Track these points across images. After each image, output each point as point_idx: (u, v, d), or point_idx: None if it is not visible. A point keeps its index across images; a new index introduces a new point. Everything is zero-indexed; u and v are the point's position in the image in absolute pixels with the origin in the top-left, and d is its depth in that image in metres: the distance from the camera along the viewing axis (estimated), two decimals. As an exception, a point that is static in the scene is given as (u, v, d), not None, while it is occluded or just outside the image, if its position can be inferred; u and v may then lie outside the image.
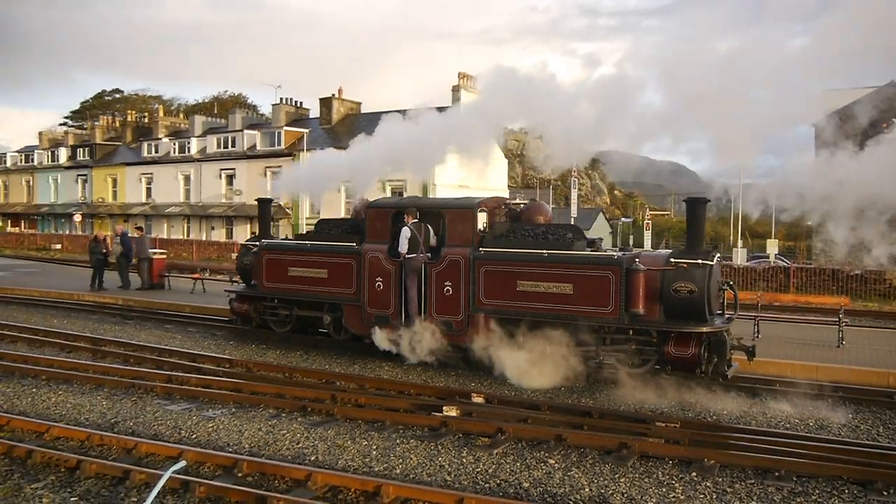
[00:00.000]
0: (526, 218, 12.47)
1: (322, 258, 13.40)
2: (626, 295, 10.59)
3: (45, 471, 7.52)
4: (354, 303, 12.98)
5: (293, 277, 13.76)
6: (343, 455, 8.12)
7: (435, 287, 12.11)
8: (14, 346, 14.24)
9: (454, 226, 12.15)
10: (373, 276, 12.72)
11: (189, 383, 11.13)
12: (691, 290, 10.38)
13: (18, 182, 70.18)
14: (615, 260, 10.80)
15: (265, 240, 14.76)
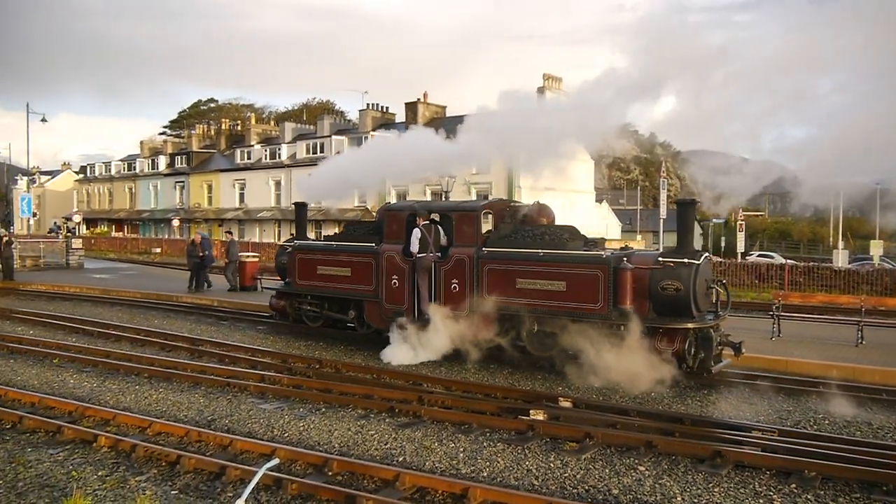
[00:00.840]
0: (530, 219, 13.11)
1: (345, 258, 14.36)
2: (614, 292, 11.08)
3: (147, 464, 7.86)
4: (374, 299, 13.82)
5: (322, 275, 14.72)
6: (430, 456, 8.16)
7: (443, 284, 12.79)
8: (118, 344, 14.96)
9: (460, 227, 12.85)
10: (389, 274, 13.52)
11: (281, 383, 11.44)
12: (677, 287, 10.85)
13: (122, 189, 73.84)
14: (603, 259, 11.30)
15: (298, 241, 15.77)
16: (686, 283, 10.85)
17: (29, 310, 19.76)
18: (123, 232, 69.38)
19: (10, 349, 14.22)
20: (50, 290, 25.21)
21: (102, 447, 8.35)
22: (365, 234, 14.53)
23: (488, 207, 13.10)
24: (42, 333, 16.21)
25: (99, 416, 9.56)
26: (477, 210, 12.80)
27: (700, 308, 11.13)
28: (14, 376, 12.07)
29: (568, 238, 12.03)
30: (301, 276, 15.15)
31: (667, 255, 11.39)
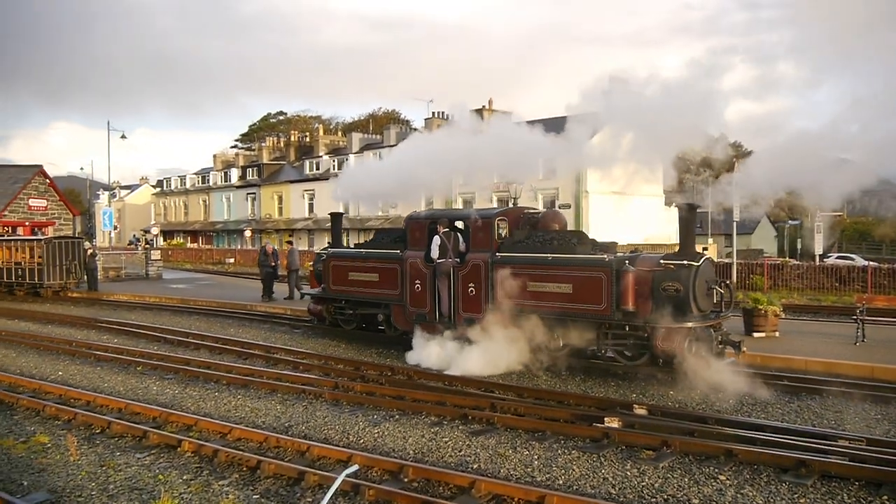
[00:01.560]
0: (542, 225, 13.52)
1: (374, 264, 15.10)
2: (617, 293, 11.47)
3: (229, 469, 8.07)
4: (399, 303, 14.54)
5: (353, 281, 15.49)
6: (505, 464, 8.15)
7: (461, 288, 13.41)
8: (197, 352, 15.42)
9: (476, 234, 13.44)
10: (413, 279, 14.19)
11: (354, 390, 11.60)
12: (678, 288, 11.19)
13: (196, 201, 76.14)
14: (606, 262, 11.70)
15: (331, 249, 16.66)
16: (686, 284, 11.20)
17: (112, 319, 20.56)
18: (198, 243, 71.50)
19: (96, 357, 14.82)
20: (131, 301, 26.19)
21: (186, 452, 8.62)
22: (391, 241, 15.21)
23: (503, 215, 13.68)
24: (125, 342, 16.84)
25: (182, 421, 9.87)
26: (491, 218, 13.37)
27: (701, 308, 11.42)
28: (101, 383, 12.58)
29: (576, 243, 12.46)
30: (334, 282, 15.89)
31: (668, 258, 11.73)
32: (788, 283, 28.41)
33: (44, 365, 14.27)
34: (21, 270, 27.96)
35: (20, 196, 43.28)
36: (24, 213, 43.65)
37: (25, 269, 27.84)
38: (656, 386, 11.65)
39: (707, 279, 11.66)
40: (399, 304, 14.53)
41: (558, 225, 13.51)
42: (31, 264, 27.67)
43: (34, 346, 16.43)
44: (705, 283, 11.56)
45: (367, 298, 15.36)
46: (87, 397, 11.29)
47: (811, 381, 11.61)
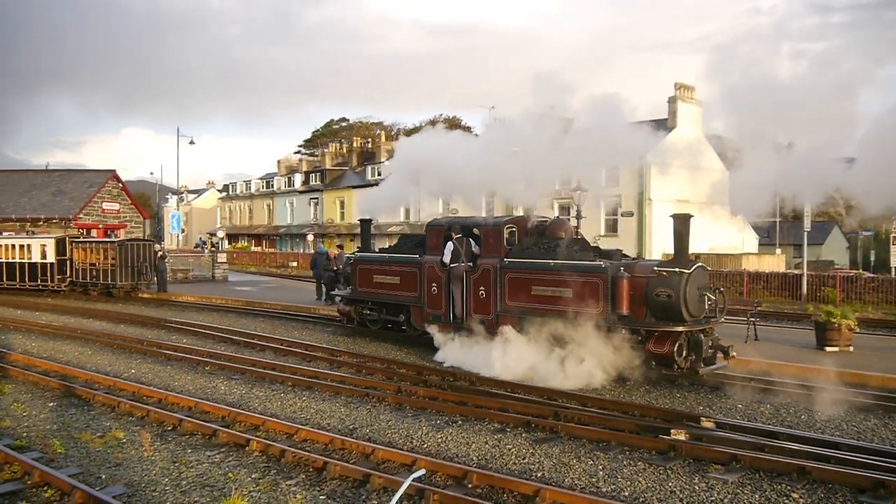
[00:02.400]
0: (549, 233, 14.03)
1: (395, 268, 16.11)
2: (613, 298, 12.04)
3: (296, 469, 8.21)
4: (418, 304, 15.49)
5: (377, 283, 16.52)
6: (569, 473, 8.08)
7: (473, 291, 14.17)
8: (263, 354, 15.73)
9: (487, 240, 14.32)
10: (430, 282, 15.08)
11: (417, 395, 11.67)
12: (669, 294, 11.68)
13: (261, 206, 77.74)
14: (602, 268, 12.30)
15: (358, 253, 17.74)
16: (677, 290, 11.65)
17: (181, 319, 21.14)
18: (262, 246, 72.94)
19: (167, 356, 15.26)
20: (198, 302, 26.88)
21: (254, 451, 8.81)
22: (412, 246, 16.24)
23: (512, 223, 14.48)
24: (194, 342, 17.29)
25: (249, 421, 10.08)
26: (500, 225, 14.19)
27: (692, 313, 11.81)
28: (172, 381, 12.94)
29: (578, 250, 13.13)
30: (361, 284, 16.98)
31: (662, 265, 12.35)
32: (862, 297, 27.41)
33: (117, 363, 14.75)
34: (95, 271, 28.97)
35: (94, 199, 44.92)
36: (98, 216, 45.27)
37: (99, 269, 28.83)
38: (724, 398, 11.42)
39: (699, 286, 12.08)
40: (417, 306, 15.47)
41: (565, 233, 13.99)
42: (105, 265, 28.66)
43: (108, 344, 17.00)
44: (697, 290, 11.97)
45: (390, 300, 16.40)
46: (158, 395, 11.63)
47: (889, 398, 11.20)
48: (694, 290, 11.87)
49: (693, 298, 11.82)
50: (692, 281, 11.83)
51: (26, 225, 42.36)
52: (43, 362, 14.39)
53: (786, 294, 28.58)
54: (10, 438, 9.42)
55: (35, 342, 17.47)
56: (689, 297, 11.71)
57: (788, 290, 28.67)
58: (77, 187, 45.77)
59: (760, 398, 11.46)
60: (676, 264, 12.04)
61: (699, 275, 12.14)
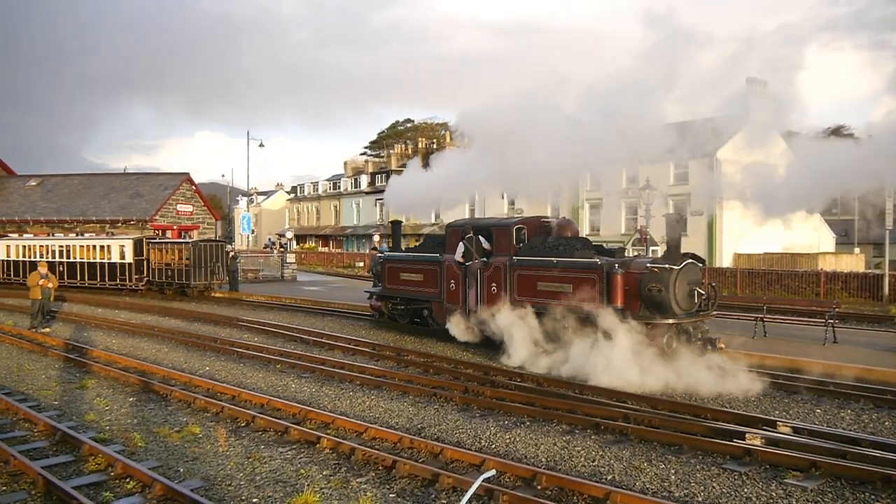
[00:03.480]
0: (556, 232, 15.05)
1: (419, 266, 17.36)
2: (608, 292, 12.89)
3: (366, 467, 8.31)
4: (438, 299, 16.69)
5: (403, 280, 17.73)
6: (640, 476, 7.96)
7: (486, 287, 15.21)
8: (332, 352, 15.97)
9: (499, 240, 15.36)
10: (448, 279, 16.27)
11: (484, 395, 11.66)
12: (660, 289, 12.49)
13: (328, 207, 78.95)
14: (598, 265, 13.17)
15: (387, 252, 19.13)
16: (667, 285, 12.44)
17: (252, 318, 21.62)
18: (329, 247, 74.04)
19: (239, 354, 15.63)
20: (268, 301, 27.45)
21: (325, 448, 8.95)
22: (434, 246, 17.59)
23: (522, 223, 15.48)
24: (265, 340, 17.67)
25: (319, 419, 10.25)
26: (510, 226, 15.22)
27: (682, 307, 12.60)
28: (244, 379, 13.26)
29: (579, 248, 13.99)
30: (389, 282, 18.22)
31: (655, 262, 13.07)
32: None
33: (192, 360, 15.19)
34: (171, 271, 29.88)
35: (169, 201, 46.33)
36: (173, 218, 46.69)
37: (174, 269, 29.73)
38: (802, 403, 11.08)
39: (689, 281, 12.79)
40: (438, 301, 16.69)
41: (570, 232, 15.04)
42: (180, 265, 29.53)
43: (183, 342, 17.52)
44: (687, 285, 12.71)
45: (415, 296, 17.56)
46: (232, 392, 11.93)
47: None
48: (684, 285, 12.66)
49: (683, 293, 12.64)
50: (682, 276, 12.62)
51: (106, 226, 44.02)
52: (122, 359, 14.93)
53: (866, 295, 27.47)
54: (94, 431, 9.81)
55: (115, 339, 18.14)
56: (678, 291, 12.54)
57: (868, 291, 27.54)
58: (153, 190, 47.30)
59: (840, 403, 11.07)
60: (666, 261, 12.83)
61: (689, 271, 12.87)
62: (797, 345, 15.05)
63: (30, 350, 16.56)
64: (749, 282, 29.98)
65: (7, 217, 46.83)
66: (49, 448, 9.18)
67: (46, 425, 9.85)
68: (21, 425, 10.25)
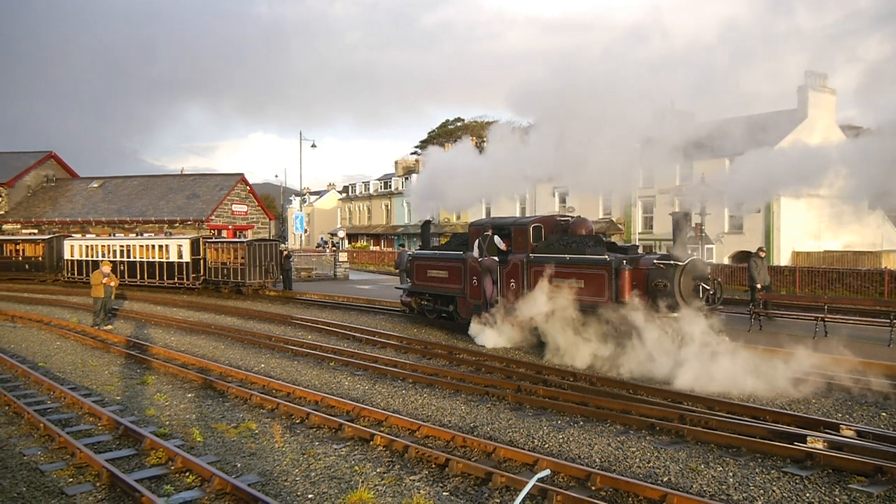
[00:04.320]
0: (571, 230, 15.71)
1: (444, 263, 18.15)
2: (616, 287, 13.52)
3: (419, 465, 8.35)
4: (462, 295, 17.47)
5: (430, 277, 18.58)
6: (697, 479, 7.82)
7: (504, 283, 16.04)
8: (384, 350, 16.08)
9: (516, 238, 16.04)
10: (471, 276, 17.06)
11: (537, 394, 11.61)
12: (665, 284, 13.08)
13: (379, 206, 79.52)
14: (607, 261, 13.79)
15: (415, 251, 20.10)
16: (671, 280, 13.02)
17: (306, 316, 21.90)
18: (380, 246, 74.56)
19: (293, 352, 15.86)
20: (321, 299, 27.78)
21: (378, 446, 9.02)
22: (459, 244, 18.42)
23: (538, 222, 16.07)
24: (318, 339, 17.89)
25: (373, 416, 10.33)
26: (527, 224, 15.86)
27: (687, 301, 13.06)
28: (299, 376, 13.44)
29: (591, 245, 14.51)
30: (417, 278, 19.13)
31: (661, 258, 13.70)
32: None
33: (248, 357, 15.47)
34: (226, 270, 30.47)
35: (225, 202, 47.27)
36: (228, 218, 47.62)
37: (230, 268, 30.31)
38: (865, 406, 10.75)
39: (695, 276, 13.25)
40: (462, 297, 17.49)
41: (584, 230, 15.72)
42: (235, 264, 30.09)
43: (239, 339, 17.85)
44: (692, 280, 13.19)
45: (441, 291, 18.38)
46: (287, 389, 12.11)
47: None
48: (688, 280, 13.19)
49: (688, 288, 13.15)
50: (687, 272, 13.18)
51: (164, 226, 45.13)
52: (181, 355, 15.28)
53: (933, 295, 26.50)
54: (154, 426, 10.07)
55: (173, 336, 18.58)
56: (683, 286, 13.08)
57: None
58: (209, 190, 48.32)
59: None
60: (672, 257, 13.44)
61: (694, 266, 13.40)
62: (860, 346, 14.59)
63: (93, 347, 17.08)
64: (809, 280, 29.18)
65: (71, 218, 48.40)
66: (112, 442, 9.45)
67: (110, 419, 10.15)
68: (86, 419, 10.58)
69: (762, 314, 17.60)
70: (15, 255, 38.12)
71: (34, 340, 18.07)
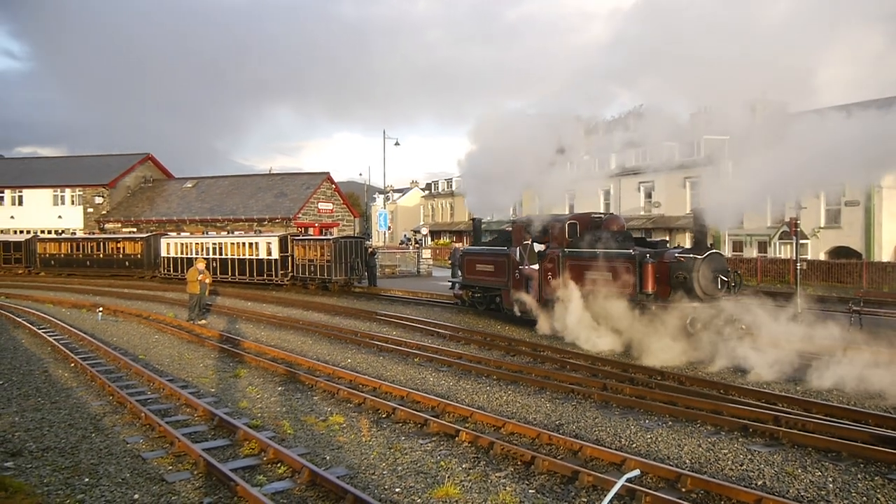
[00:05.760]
0: (605, 226, 16.54)
1: (491, 258, 19.60)
2: (640, 279, 14.41)
3: (504, 462, 8.34)
4: (506, 288, 18.80)
5: (479, 271, 20.11)
6: (794, 483, 7.53)
7: (543, 276, 17.11)
8: (467, 347, 16.13)
9: (553, 234, 17.14)
10: (514, 270, 18.29)
11: (623, 393, 11.42)
12: (685, 276, 13.86)
13: (462, 203, 79.66)
14: (632, 255, 14.76)
15: (466, 247, 20.69)
16: (690, 273, 13.78)
17: (390, 312, 22.17)
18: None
19: (378, 348, 16.09)
20: (405, 296, 28.08)
21: (463, 442, 9.05)
22: (504, 240, 19.84)
23: (574, 219, 17.10)
24: (403, 335, 18.08)
25: (457, 412, 10.38)
26: (563, 222, 16.94)
27: (706, 292, 13.84)
28: (384, 371, 13.63)
29: (620, 240, 15.60)
30: (468, 273, 20.73)
31: (683, 252, 14.47)
32: None
33: (334, 352, 15.78)
34: (313, 267, 31.16)
35: (311, 200, 48.34)
36: (314, 216, 48.68)
37: (317, 265, 30.98)
38: None
39: (714, 269, 14.01)
40: (506, 290, 18.77)
41: (617, 226, 16.61)
42: (322, 261, 30.74)
43: (326, 335, 18.23)
44: (710, 272, 13.92)
45: (488, 285, 19.81)
46: (373, 384, 12.29)
47: None
48: (708, 272, 13.92)
49: (707, 279, 13.88)
50: (705, 264, 13.89)
51: (253, 224, 46.52)
52: (271, 350, 15.72)
53: None
54: (247, 418, 10.40)
55: (263, 331, 19.13)
56: (702, 278, 13.81)
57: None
58: (296, 189, 49.51)
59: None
60: (692, 251, 14.21)
61: (713, 259, 14.15)
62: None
63: (188, 340, 17.76)
64: (914, 277, 27.66)
65: (167, 217, 50.47)
66: (208, 432, 9.81)
67: (205, 411, 10.54)
68: (183, 410, 11.02)
69: (862, 313, 16.80)
70: (116, 252, 40.03)
71: (134, 334, 18.94)
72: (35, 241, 43.86)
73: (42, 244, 43.35)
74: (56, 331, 19.37)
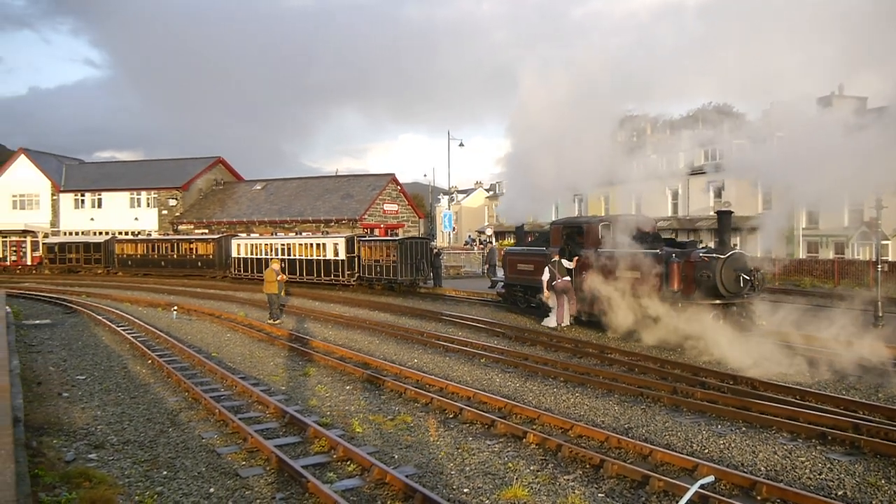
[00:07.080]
0: (636, 227, 16.84)
1: (530, 257, 20.66)
2: (667, 277, 15.23)
3: (572, 464, 8.27)
4: None
5: (520, 270, 21.23)
6: (877, 495, 7.25)
7: (578, 274, 18.01)
8: (533, 348, 16.05)
9: (587, 235, 18.18)
10: None
11: (694, 397, 11.19)
12: (709, 275, 14.54)
13: (525, 203, 79.30)
14: (659, 255, 15.61)
15: (508, 248, 21.73)
16: (713, 272, 14.46)
17: (455, 313, 22.23)
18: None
19: (445, 348, 16.16)
20: (470, 297, 28.09)
21: (531, 444, 9.02)
22: (543, 241, 20.72)
23: (607, 221, 18.08)
24: (469, 335, 18.11)
25: (525, 414, 10.34)
26: (596, 223, 18.13)
27: (729, 290, 14.57)
28: (451, 372, 13.68)
29: (649, 241, 16.46)
30: (510, 272, 21.89)
31: (707, 252, 15.05)
32: None
33: (401, 352, 15.91)
34: (379, 267, 31.50)
35: (377, 201, 48.86)
36: (380, 217, 49.19)
37: (383, 266, 31.31)
38: None
39: (736, 268, 14.60)
40: None
41: (648, 227, 17.21)
42: (387, 262, 31.04)
43: (392, 335, 18.40)
44: (733, 272, 14.53)
45: (528, 283, 20.67)
46: (439, 384, 12.35)
47: None
48: (730, 271, 14.54)
49: (729, 278, 14.53)
50: (728, 264, 14.53)
51: (321, 225, 47.29)
52: (339, 349, 15.96)
53: None
54: (317, 416, 10.58)
55: (331, 331, 19.43)
56: (724, 277, 14.46)
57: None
58: (362, 190, 50.11)
59: None
60: (716, 251, 14.89)
61: (736, 259, 14.77)
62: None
63: (259, 339, 18.18)
64: None
65: (237, 218, 51.77)
66: (279, 429, 10.02)
67: (276, 408, 10.77)
68: (255, 407, 11.29)
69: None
70: (189, 253, 41.29)
71: (207, 332, 19.48)
72: (113, 242, 45.63)
73: (120, 245, 45.05)
74: (134, 328, 20.09)
